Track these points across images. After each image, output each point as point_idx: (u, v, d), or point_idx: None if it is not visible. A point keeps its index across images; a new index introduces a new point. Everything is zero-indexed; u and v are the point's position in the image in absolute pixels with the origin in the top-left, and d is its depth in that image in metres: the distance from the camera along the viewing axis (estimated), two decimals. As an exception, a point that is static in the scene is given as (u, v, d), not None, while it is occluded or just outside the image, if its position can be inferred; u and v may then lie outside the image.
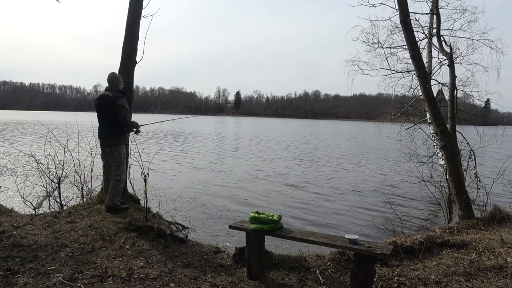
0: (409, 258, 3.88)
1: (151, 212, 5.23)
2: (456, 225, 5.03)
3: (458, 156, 5.99)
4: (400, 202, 9.23)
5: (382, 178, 13.14)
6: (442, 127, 5.54)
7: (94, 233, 4.06)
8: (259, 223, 3.14)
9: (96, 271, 3.16)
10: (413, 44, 5.56)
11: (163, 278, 3.14)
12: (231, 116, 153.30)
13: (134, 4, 5.34)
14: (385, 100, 11.44)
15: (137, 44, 5.36)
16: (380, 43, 8.84)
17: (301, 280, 3.29)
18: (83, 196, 6.08)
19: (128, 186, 5.59)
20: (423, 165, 7.93)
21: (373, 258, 2.80)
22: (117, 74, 4.95)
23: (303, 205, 8.69)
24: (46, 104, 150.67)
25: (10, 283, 2.84)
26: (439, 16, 7.90)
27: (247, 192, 9.96)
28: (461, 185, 5.46)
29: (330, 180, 12.31)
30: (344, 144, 29.37)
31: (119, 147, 4.78)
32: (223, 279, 3.19)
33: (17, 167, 11.70)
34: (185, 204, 8.41)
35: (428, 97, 5.65)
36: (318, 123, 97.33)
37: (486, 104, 9.30)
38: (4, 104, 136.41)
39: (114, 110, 4.63)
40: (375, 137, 34.57)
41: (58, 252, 3.51)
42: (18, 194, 6.46)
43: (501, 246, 3.99)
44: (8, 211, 5.15)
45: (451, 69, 7.13)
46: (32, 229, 4.12)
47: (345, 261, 3.66)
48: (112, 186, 4.76)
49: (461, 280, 3.28)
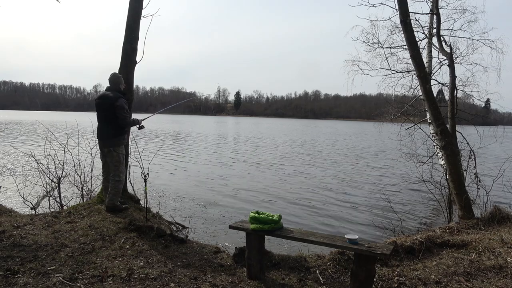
0: (409, 258, 3.88)
1: (151, 212, 5.23)
2: (456, 225, 5.03)
3: (458, 156, 5.99)
4: (400, 202, 9.23)
5: (382, 178, 13.13)
6: (442, 127, 5.54)
7: (94, 233, 4.06)
8: (259, 223, 3.14)
9: (96, 271, 3.16)
10: (413, 44, 5.56)
11: (163, 278, 3.14)
12: (231, 116, 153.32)
13: (134, 4, 5.34)
14: (385, 100, 11.44)
15: (137, 44, 5.36)
16: (380, 43, 8.86)
17: (301, 280, 3.29)
18: (83, 196, 6.08)
19: (128, 186, 5.59)
20: (423, 165, 7.93)
21: (373, 258, 2.80)
22: (118, 74, 4.96)
23: (303, 205, 8.69)
24: (46, 104, 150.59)
25: (10, 283, 2.84)
26: (439, 16, 7.91)
27: (247, 192, 9.95)
28: (461, 185, 5.46)
29: (330, 180, 12.31)
30: (344, 144, 29.36)
31: (118, 148, 4.78)
32: (223, 279, 3.19)
33: (17, 167, 11.70)
34: (185, 204, 8.41)
35: (428, 97, 5.64)
36: (318, 123, 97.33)
37: (486, 104, 9.31)
38: (4, 104, 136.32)
39: (114, 110, 4.63)
40: (375, 137, 34.59)
41: (58, 252, 3.51)
42: (18, 194, 6.46)
43: (501, 246, 3.99)
44: (8, 211, 5.15)
45: (451, 69, 7.14)
46: (32, 229, 4.12)
47: (345, 261, 3.66)
48: (112, 186, 4.76)
49: (461, 280, 3.28)
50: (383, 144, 28.25)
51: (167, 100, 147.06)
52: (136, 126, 5.01)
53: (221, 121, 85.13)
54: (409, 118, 9.22)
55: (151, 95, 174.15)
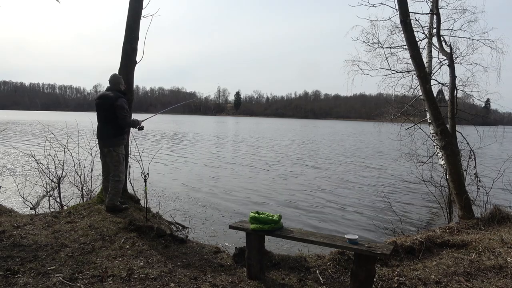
0: (409, 258, 3.88)
1: (151, 212, 5.23)
2: (456, 225, 5.03)
3: (458, 156, 5.98)
4: (400, 202, 9.23)
5: (382, 178, 13.13)
6: (442, 127, 5.54)
7: (94, 233, 4.06)
8: (259, 223, 3.14)
9: (96, 271, 3.16)
10: (413, 44, 5.56)
11: (163, 278, 3.14)
12: (231, 116, 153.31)
13: (134, 4, 5.34)
14: (385, 100, 11.44)
15: (137, 44, 5.36)
16: (380, 43, 8.86)
17: (301, 280, 3.29)
18: (83, 196, 6.08)
19: (128, 186, 5.60)
20: (423, 165, 7.92)
21: (373, 258, 2.80)
22: (118, 75, 4.98)
23: (303, 205, 8.69)
24: (46, 104, 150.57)
25: (10, 283, 2.84)
26: (439, 16, 7.91)
27: (247, 192, 9.95)
28: (461, 185, 5.46)
29: (330, 180, 12.31)
30: (344, 144, 29.35)
31: (118, 148, 4.78)
32: (223, 279, 3.19)
33: (17, 167, 11.70)
34: (185, 204, 8.41)
35: (428, 97, 5.64)
36: (318, 123, 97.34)
37: (486, 104, 9.30)
38: (4, 104, 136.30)
39: (114, 110, 4.63)
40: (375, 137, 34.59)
41: (58, 252, 3.51)
42: (18, 194, 6.46)
43: (501, 246, 3.99)
44: (8, 211, 5.16)
45: (451, 69, 7.14)
46: (32, 229, 4.12)
47: (345, 261, 3.66)
48: (111, 186, 4.76)
49: (461, 280, 3.28)
50: (383, 144, 28.25)
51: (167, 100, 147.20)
52: (136, 127, 4.99)
53: (221, 121, 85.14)
54: (409, 118, 9.22)
55: (151, 95, 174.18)
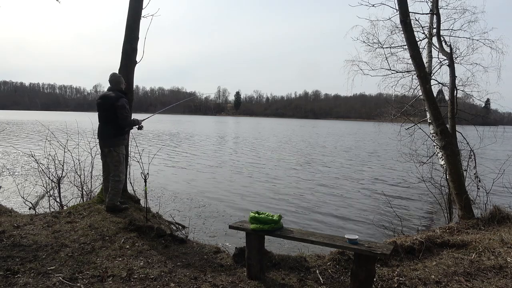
0: (409, 258, 3.88)
1: (151, 212, 5.22)
2: (456, 225, 5.03)
3: (458, 156, 5.98)
4: (400, 202, 9.23)
5: (382, 178, 13.13)
6: (442, 127, 5.53)
7: (94, 233, 4.06)
8: (259, 223, 3.14)
9: (96, 271, 3.16)
10: (413, 44, 5.56)
11: (163, 278, 3.14)
12: (231, 116, 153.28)
13: (134, 4, 5.34)
14: (385, 100, 11.41)
15: (137, 44, 5.36)
16: (380, 43, 8.84)
17: (301, 280, 3.29)
18: (83, 196, 6.07)
19: (128, 186, 5.59)
20: (423, 165, 7.92)
21: (373, 258, 2.80)
22: (118, 74, 4.97)
23: (303, 205, 8.69)
24: (46, 104, 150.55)
25: (10, 283, 2.84)
26: (439, 16, 7.90)
27: (247, 192, 9.95)
28: (461, 185, 5.46)
29: (330, 180, 12.31)
30: (344, 144, 29.35)
31: (118, 148, 4.78)
32: (223, 279, 3.19)
33: (17, 167, 11.70)
34: (185, 204, 8.41)
35: (428, 97, 5.64)
36: (318, 123, 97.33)
37: (486, 104, 9.28)
38: (4, 104, 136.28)
39: (115, 110, 4.63)
40: (374, 137, 34.58)
41: (58, 252, 3.51)
42: (18, 194, 6.46)
43: (501, 246, 3.99)
44: (8, 211, 5.15)
45: (451, 69, 7.13)
46: (32, 229, 4.12)
47: (345, 261, 3.66)
48: (112, 186, 4.76)
49: (461, 280, 3.28)
50: (383, 144, 28.24)
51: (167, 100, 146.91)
52: (135, 127, 5.01)
53: (221, 121, 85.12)
54: (409, 118, 9.20)
55: (151, 95, 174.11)
